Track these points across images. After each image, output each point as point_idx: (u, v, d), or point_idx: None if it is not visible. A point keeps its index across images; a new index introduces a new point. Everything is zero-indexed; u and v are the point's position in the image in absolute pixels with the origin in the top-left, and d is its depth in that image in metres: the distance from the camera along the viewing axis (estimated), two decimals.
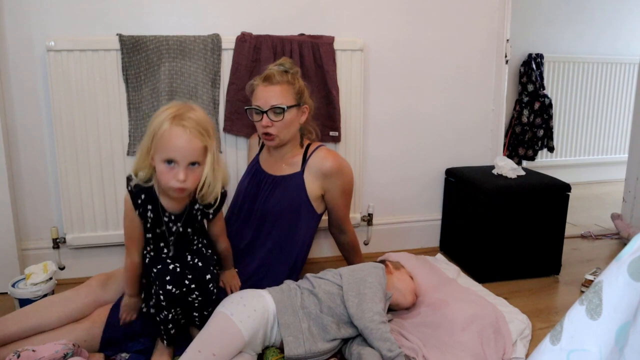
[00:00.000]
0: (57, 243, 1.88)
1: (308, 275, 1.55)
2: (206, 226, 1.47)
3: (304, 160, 1.70)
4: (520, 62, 3.21)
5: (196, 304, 1.38)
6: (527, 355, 1.47)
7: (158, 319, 1.35)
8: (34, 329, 1.37)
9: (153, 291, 1.34)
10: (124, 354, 1.40)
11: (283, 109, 1.61)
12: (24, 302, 1.54)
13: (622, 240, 2.43)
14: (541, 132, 3.24)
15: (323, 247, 2.17)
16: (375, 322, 1.37)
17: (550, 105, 3.22)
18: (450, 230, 2.24)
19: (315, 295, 1.45)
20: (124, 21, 1.81)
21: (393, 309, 1.61)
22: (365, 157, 2.14)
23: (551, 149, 3.29)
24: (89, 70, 1.77)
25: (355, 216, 2.11)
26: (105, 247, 1.92)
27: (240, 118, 1.91)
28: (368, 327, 1.36)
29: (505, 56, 2.23)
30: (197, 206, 1.39)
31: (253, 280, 1.58)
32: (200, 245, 1.45)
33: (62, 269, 1.91)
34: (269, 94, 1.61)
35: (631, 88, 3.47)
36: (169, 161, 1.26)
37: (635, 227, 2.43)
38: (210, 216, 1.43)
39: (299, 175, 1.69)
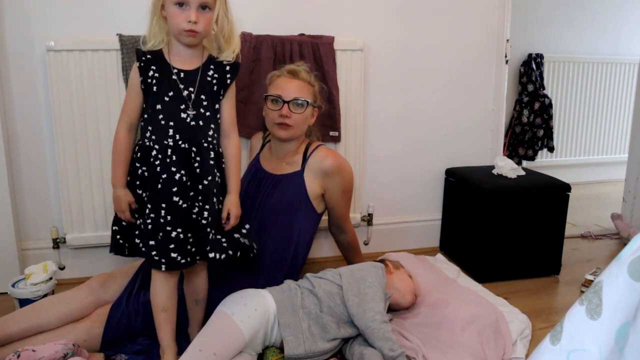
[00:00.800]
0: (57, 243, 1.88)
1: (308, 275, 1.55)
2: (218, 110, 1.36)
3: (304, 159, 1.70)
4: (520, 62, 3.21)
5: (203, 222, 1.30)
6: (527, 355, 1.47)
7: (159, 237, 1.26)
8: (34, 329, 1.37)
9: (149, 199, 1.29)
10: (124, 355, 1.40)
11: (307, 102, 1.65)
12: (24, 302, 1.54)
13: (622, 240, 2.43)
14: (541, 132, 3.24)
15: (323, 247, 2.17)
16: (377, 321, 1.37)
17: (550, 105, 3.23)
18: (450, 230, 2.24)
19: (315, 295, 1.45)
20: (124, 21, 1.81)
21: (392, 309, 1.61)
22: (365, 157, 2.14)
23: (551, 149, 3.29)
24: (89, 70, 1.77)
25: (355, 216, 2.10)
26: (105, 247, 1.90)
27: (241, 118, 1.91)
28: (370, 327, 1.36)
29: (505, 56, 2.23)
30: (212, 67, 1.34)
31: (253, 279, 1.58)
32: (213, 141, 1.33)
33: (62, 269, 1.91)
34: (293, 86, 1.65)
35: (631, 88, 3.47)
36: (180, 4, 1.25)
37: (635, 227, 2.43)
38: (228, 80, 1.35)
39: (299, 174, 1.69)
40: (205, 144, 1.31)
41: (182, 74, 1.31)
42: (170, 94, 1.29)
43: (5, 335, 1.34)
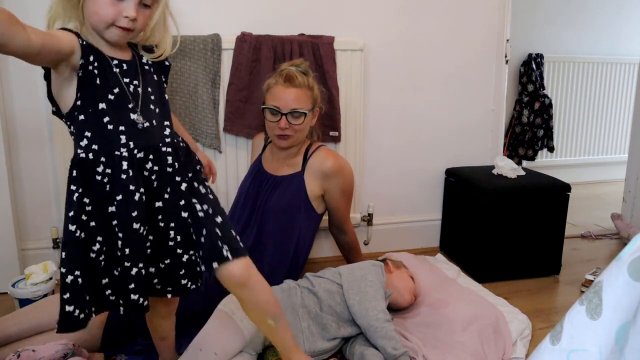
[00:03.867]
0: (57, 243, 1.88)
1: (307, 274, 1.55)
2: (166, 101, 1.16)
3: (305, 160, 1.70)
4: (520, 62, 3.21)
5: (170, 244, 1.06)
6: (527, 355, 1.47)
7: (114, 274, 1.02)
8: (34, 329, 1.37)
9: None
10: (124, 355, 1.40)
11: (304, 113, 1.61)
12: (24, 302, 1.54)
13: (622, 240, 2.43)
14: (541, 132, 3.24)
15: (323, 247, 2.17)
16: (380, 320, 1.37)
17: (550, 105, 3.22)
18: (450, 230, 2.24)
19: (315, 294, 1.45)
20: None
21: (390, 308, 1.61)
22: (365, 157, 2.14)
23: (551, 149, 3.29)
24: None
25: (355, 216, 2.10)
26: None
27: (240, 118, 1.91)
28: (373, 326, 1.36)
29: (505, 56, 2.23)
30: (145, 59, 1.12)
31: None
32: (174, 139, 1.11)
33: None
34: (290, 96, 1.59)
35: (631, 88, 3.47)
36: None
37: (635, 227, 2.42)
38: (166, 62, 1.16)
39: (299, 175, 1.69)
40: (164, 147, 1.06)
41: (124, 66, 1.06)
42: (116, 91, 1.03)
43: (5, 335, 1.34)
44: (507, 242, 1.96)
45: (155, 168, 1.05)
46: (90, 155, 1.00)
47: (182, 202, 1.07)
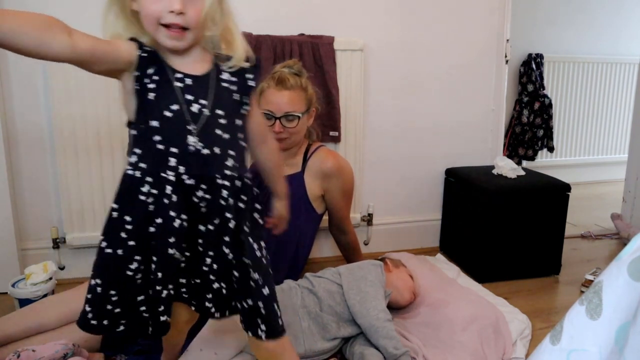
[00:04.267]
0: (57, 243, 1.88)
1: (307, 274, 1.55)
2: (241, 127, 1.02)
3: (304, 160, 1.70)
4: (520, 62, 3.21)
5: (204, 269, 1.01)
6: (527, 355, 1.47)
7: (147, 295, 1.00)
8: (34, 329, 1.37)
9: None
10: (124, 355, 1.40)
11: (298, 116, 1.59)
12: (24, 302, 1.54)
13: (622, 240, 2.42)
14: (541, 132, 3.24)
15: (323, 247, 2.17)
16: (380, 320, 1.37)
17: (550, 105, 3.22)
18: (450, 230, 2.24)
19: (315, 294, 1.45)
20: None
21: (390, 307, 1.61)
22: (365, 157, 2.14)
23: (551, 149, 3.29)
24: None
25: (355, 216, 2.10)
26: None
27: None
28: (374, 326, 1.36)
29: (505, 56, 2.23)
30: (225, 68, 0.99)
31: None
32: (234, 173, 0.98)
33: (62, 269, 1.91)
34: (282, 100, 1.58)
35: (631, 88, 3.47)
36: None
37: (635, 227, 2.42)
38: (250, 81, 1.01)
39: (299, 175, 1.69)
40: (221, 180, 0.96)
41: (188, 81, 0.95)
42: (173, 108, 0.93)
43: (5, 335, 1.34)
44: (507, 242, 1.96)
45: (207, 196, 0.96)
46: (138, 174, 0.94)
47: (227, 239, 0.98)
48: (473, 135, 2.29)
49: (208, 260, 0.99)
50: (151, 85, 0.93)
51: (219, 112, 0.96)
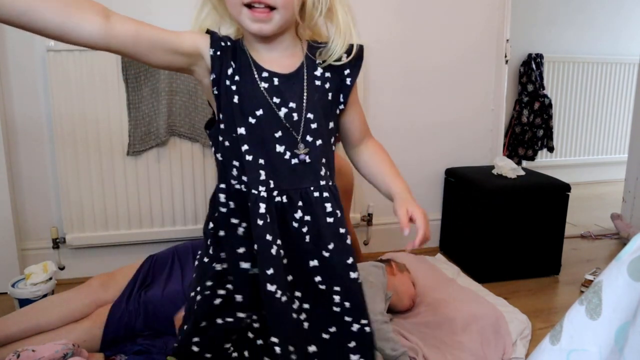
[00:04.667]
0: (57, 243, 1.88)
1: None
2: (334, 130, 0.90)
3: None
4: (520, 62, 3.21)
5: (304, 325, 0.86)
6: (526, 355, 1.47)
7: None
8: (34, 329, 1.37)
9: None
10: (124, 355, 1.40)
11: None
12: (23, 302, 1.54)
13: (622, 240, 2.42)
14: (541, 132, 3.24)
15: None
16: (377, 322, 1.37)
17: (550, 105, 3.22)
18: (450, 230, 2.24)
19: None
20: None
21: (389, 310, 1.61)
22: None
23: (551, 149, 3.29)
24: (89, 70, 1.77)
25: (355, 216, 2.10)
26: (105, 247, 1.92)
27: None
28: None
29: (505, 56, 2.23)
30: (318, 62, 0.85)
31: None
32: (328, 183, 0.88)
33: (62, 269, 1.91)
34: None
35: (631, 88, 3.47)
36: None
37: (635, 227, 2.42)
38: (349, 80, 0.87)
39: None
40: (317, 192, 0.85)
41: (275, 80, 0.83)
42: (259, 113, 0.82)
43: (5, 336, 1.34)
44: (507, 242, 1.96)
45: (307, 218, 0.83)
46: (240, 186, 0.83)
47: (351, 260, 0.86)
48: (473, 135, 2.29)
49: (337, 299, 0.84)
50: (233, 87, 0.82)
51: (310, 115, 0.84)
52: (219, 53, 0.81)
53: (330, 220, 0.85)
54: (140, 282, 1.50)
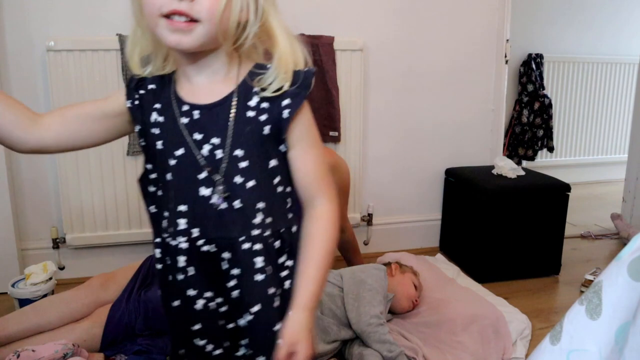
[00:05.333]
0: (57, 243, 1.88)
1: None
2: (276, 169, 0.76)
3: None
4: (520, 62, 3.21)
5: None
6: (526, 356, 1.47)
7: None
8: (34, 329, 1.37)
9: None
10: (123, 355, 1.40)
11: None
12: (23, 302, 1.54)
13: (622, 240, 2.42)
14: (541, 132, 3.24)
15: None
16: (372, 325, 1.37)
17: (550, 105, 3.22)
18: (450, 230, 2.24)
19: None
20: (124, 21, 1.81)
21: (389, 312, 1.60)
22: (365, 157, 2.14)
23: (551, 149, 3.29)
24: (89, 71, 1.77)
25: (355, 216, 2.10)
26: (105, 247, 1.92)
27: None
28: (366, 331, 1.36)
29: (505, 56, 2.23)
30: (254, 100, 0.73)
31: None
32: (265, 232, 0.75)
33: (61, 269, 1.91)
34: None
35: (631, 88, 3.47)
36: None
37: (635, 227, 2.42)
38: (286, 111, 0.72)
39: None
40: (247, 243, 0.74)
41: (195, 114, 0.73)
42: (179, 153, 0.73)
43: (4, 336, 1.34)
44: (506, 242, 1.96)
45: (235, 272, 0.74)
46: (164, 241, 0.76)
47: (278, 327, 0.74)
48: (473, 135, 2.29)
49: None
50: (156, 131, 0.74)
51: (238, 152, 0.72)
52: (137, 102, 0.75)
53: (258, 278, 0.74)
54: (140, 282, 1.50)
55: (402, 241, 2.27)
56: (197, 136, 0.73)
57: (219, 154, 0.72)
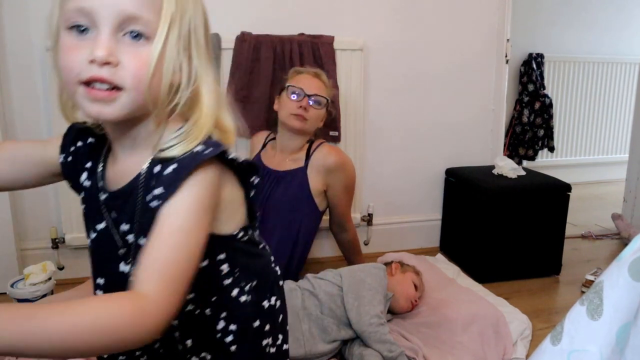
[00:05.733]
0: (57, 243, 1.88)
1: (308, 275, 1.54)
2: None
3: (308, 155, 1.72)
4: (520, 61, 3.20)
5: None
6: (527, 356, 1.46)
7: None
8: None
9: None
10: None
11: (326, 100, 1.70)
12: (23, 303, 1.53)
13: (623, 241, 2.42)
14: (541, 132, 3.24)
15: (324, 247, 2.17)
16: (373, 325, 1.37)
17: (551, 105, 3.22)
18: (451, 230, 2.24)
19: (316, 297, 1.44)
20: None
21: (389, 312, 1.60)
22: (365, 157, 2.14)
23: (551, 149, 3.28)
24: None
25: (355, 216, 2.10)
26: None
27: (240, 118, 1.90)
28: (366, 331, 1.36)
29: (506, 56, 2.23)
30: (158, 167, 0.63)
31: None
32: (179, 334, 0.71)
33: (61, 269, 1.91)
34: (315, 84, 1.69)
35: (632, 88, 3.47)
36: (79, 27, 0.60)
37: (636, 227, 2.42)
38: (154, 201, 0.62)
39: (302, 170, 1.70)
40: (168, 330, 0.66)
41: (102, 195, 0.69)
42: (100, 227, 0.70)
43: None
44: (507, 242, 1.96)
45: (156, 345, 0.71)
46: None
47: None
48: (473, 135, 2.29)
49: None
50: (83, 195, 0.71)
51: (143, 242, 0.63)
52: (70, 159, 0.70)
53: (180, 347, 0.69)
54: None
55: (403, 241, 2.27)
56: (114, 215, 0.68)
57: (130, 238, 0.67)
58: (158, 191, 0.61)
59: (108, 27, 0.58)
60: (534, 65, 3.17)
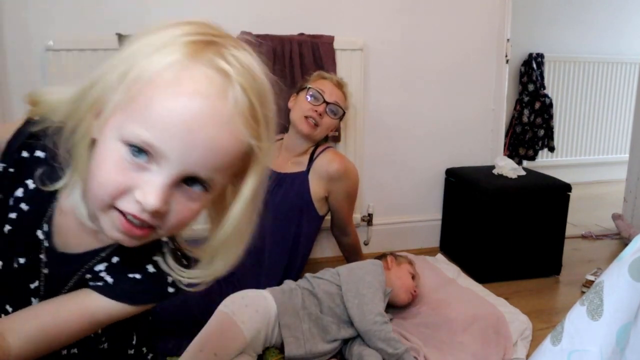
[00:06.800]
0: None
1: (307, 275, 1.54)
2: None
3: (311, 160, 1.70)
4: (520, 61, 3.20)
5: None
6: (527, 356, 1.46)
7: None
8: None
9: None
10: None
11: (343, 112, 1.72)
12: None
13: (623, 241, 2.42)
14: (542, 132, 3.24)
15: (324, 247, 2.17)
16: (377, 323, 1.37)
17: (551, 105, 3.22)
18: (451, 230, 2.24)
19: (315, 296, 1.44)
20: (123, 21, 1.81)
21: (389, 306, 1.60)
22: (365, 157, 2.14)
23: (552, 149, 3.28)
24: (88, 70, 1.76)
25: (355, 216, 2.10)
26: None
27: None
28: (371, 330, 1.36)
29: (506, 56, 2.23)
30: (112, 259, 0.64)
31: (250, 279, 1.57)
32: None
33: None
34: (336, 93, 1.71)
35: (632, 88, 3.46)
36: (139, 149, 0.51)
37: (636, 227, 2.42)
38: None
39: (304, 175, 1.69)
40: (71, 348, 0.67)
41: (45, 243, 0.64)
42: (22, 260, 0.64)
43: None
44: (507, 242, 1.96)
45: None
46: None
47: None
48: (473, 135, 2.29)
49: None
50: (13, 216, 0.60)
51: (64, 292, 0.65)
52: (11, 170, 0.59)
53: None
54: None
55: (403, 241, 2.27)
56: (43, 256, 0.63)
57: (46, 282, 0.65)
58: (107, 278, 0.59)
59: (170, 179, 0.51)
60: (534, 65, 3.17)
